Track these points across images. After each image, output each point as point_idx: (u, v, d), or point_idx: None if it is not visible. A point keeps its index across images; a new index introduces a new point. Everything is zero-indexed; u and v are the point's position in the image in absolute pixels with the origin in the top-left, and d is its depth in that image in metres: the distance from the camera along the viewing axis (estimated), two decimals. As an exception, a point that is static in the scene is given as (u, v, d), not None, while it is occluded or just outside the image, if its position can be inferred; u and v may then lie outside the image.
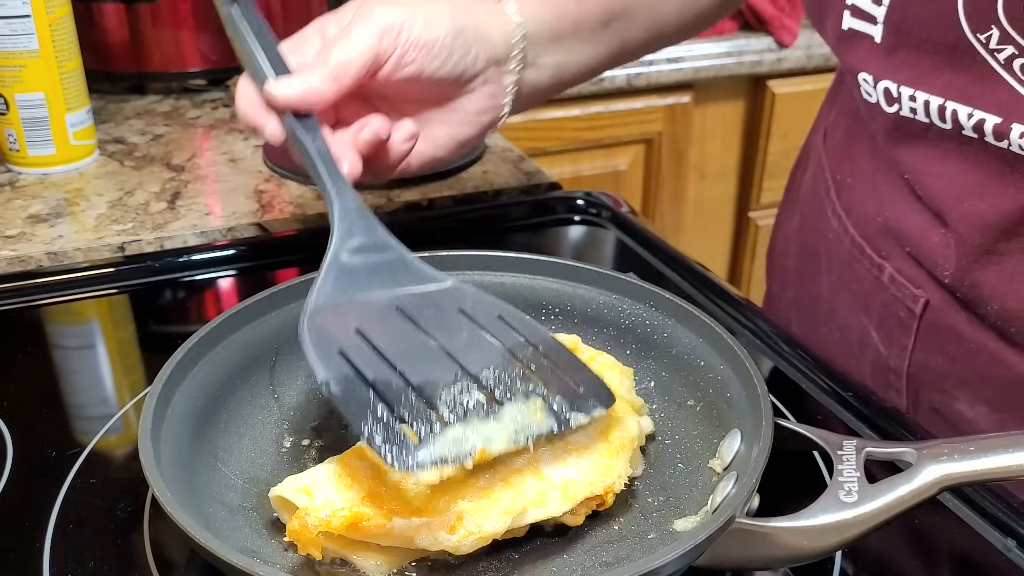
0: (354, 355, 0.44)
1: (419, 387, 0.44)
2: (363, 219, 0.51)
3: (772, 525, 0.40)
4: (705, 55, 1.38)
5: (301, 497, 0.42)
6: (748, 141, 1.52)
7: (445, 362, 0.45)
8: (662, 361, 0.53)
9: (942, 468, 0.40)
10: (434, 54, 0.56)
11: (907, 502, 0.40)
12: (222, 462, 0.47)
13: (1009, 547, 0.45)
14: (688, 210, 1.54)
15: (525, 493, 0.43)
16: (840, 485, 0.41)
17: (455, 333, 0.47)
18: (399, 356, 0.45)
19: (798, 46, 1.42)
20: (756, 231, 1.57)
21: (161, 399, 0.45)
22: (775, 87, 1.45)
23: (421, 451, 0.41)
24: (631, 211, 0.79)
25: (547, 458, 0.45)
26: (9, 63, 0.80)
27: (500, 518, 0.42)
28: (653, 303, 0.54)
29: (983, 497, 0.47)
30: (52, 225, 0.75)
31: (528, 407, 0.44)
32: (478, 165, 0.87)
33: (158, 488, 0.40)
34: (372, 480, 0.42)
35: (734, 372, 0.49)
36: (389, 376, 0.44)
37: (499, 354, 0.46)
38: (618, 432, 0.47)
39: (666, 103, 1.41)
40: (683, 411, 0.51)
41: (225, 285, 0.71)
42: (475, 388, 0.44)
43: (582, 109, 1.36)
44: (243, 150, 0.90)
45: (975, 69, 0.50)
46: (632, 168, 1.47)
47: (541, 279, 0.57)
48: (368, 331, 0.46)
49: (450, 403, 0.43)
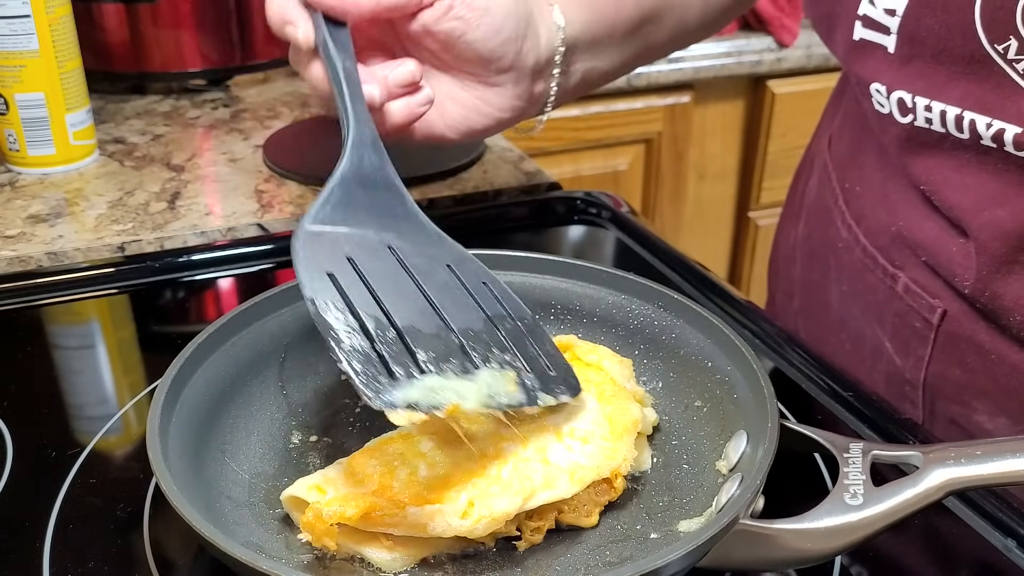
0: (342, 280, 0.44)
1: (402, 328, 0.43)
2: (376, 152, 0.50)
3: (776, 527, 0.40)
4: (705, 55, 1.38)
5: (313, 494, 0.42)
6: (748, 141, 1.52)
7: (428, 312, 0.45)
8: (670, 362, 0.53)
9: (948, 472, 0.40)
10: (485, 21, 0.54)
11: (912, 506, 0.40)
12: (230, 457, 0.47)
13: (1009, 547, 0.45)
14: (688, 210, 1.54)
15: (533, 477, 0.43)
16: (845, 488, 0.41)
17: (441, 288, 0.47)
18: (385, 293, 0.45)
19: (798, 46, 1.42)
20: (756, 231, 1.57)
21: (170, 394, 0.45)
22: (775, 87, 1.45)
23: (397, 391, 0.40)
24: (631, 211, 0.79)
25: (553, 446, 0.45)
26: (9, 63, 0.80)
27: (510, 499, 0.42)
28: (662, 303, 0.54)
29: (983, 497, 0.47)
30: (52, 225, 0.75)
31: (502, 376, 0.44)
32: (478, 165, 0.87)
33: (165, 483, 0.39)
34: (382, 476, 0.43)
35: (741, 373, 0.49)
36: (374, 310, 0.43)
37: (480, 319, 0.47)
38: (620, 416, 0.47)
39: (666, 103, 1.41)
40: (690, 412, 0.51)
41: (225, 285, 0.71)
42: (455, 344, 0.44)
43: (582, 109, 1.36)
44: (243, 150, 0.90)
45: (993, 79, 0.50)
46: (632, 168, 1.47)
47: (550, 279, 0.57)
48: (359, 261, 0.45)
49: (429, 353, 0.43)
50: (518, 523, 0.44)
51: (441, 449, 0.44)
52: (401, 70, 0.54)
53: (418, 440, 0.45)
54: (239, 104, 1.04)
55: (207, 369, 0.48)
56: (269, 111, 1.01)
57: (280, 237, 0.75)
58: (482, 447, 0.44)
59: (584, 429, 0.47)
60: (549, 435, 0.46)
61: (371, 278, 0.45)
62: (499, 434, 0.45)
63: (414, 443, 0.45)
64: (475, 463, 0.43)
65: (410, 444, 0.45)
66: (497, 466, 0.44)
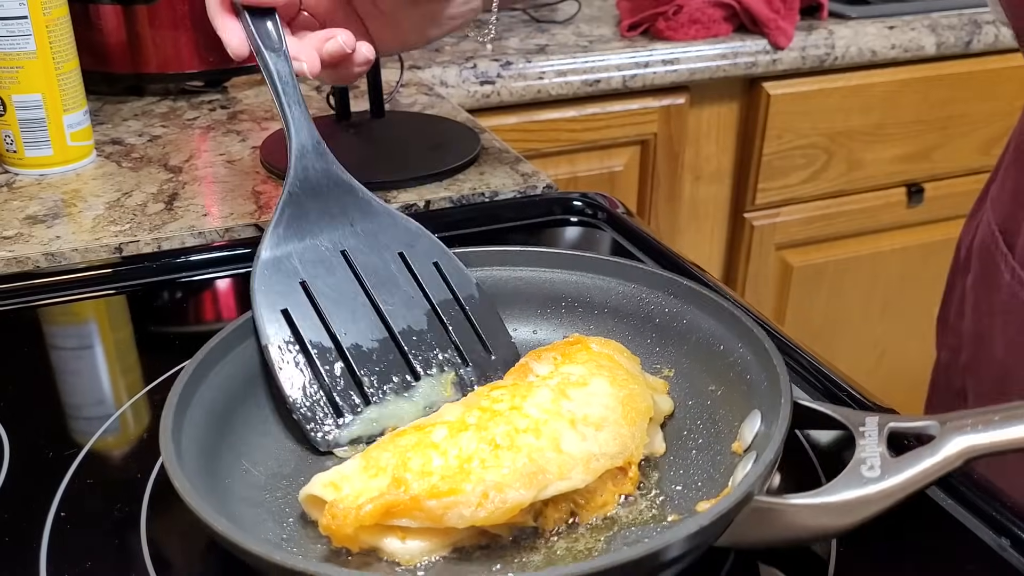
0: (295, 312, 0.50)
1: (349, 352, 0.50)
2: (319, 156, 0.54)
3: (792, 502, 0.39)
4: (700, 57, 1.38)
5: (329, 491, 0.43)
6: (743, 142, 1.52)
7: (375, 324, 0.52)
8: (682, 348, 0.54)
9: (967, 439, 0.39)
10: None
11: (931, 476, 0.39)
12: (246, 458, 0.47)
13: (1003, 546, 0.45)
14: (683, 211, 1.55)
15: (547, 467, 0.43)
16: (862, 460, 0.40)
17: (390, 286, 0.53)
18: (335, 314, 0.51)
19: (793, 48, 1.42)
20: (751, 232, 1.57)
21: (185, 391, 0.45)
22: (770, 88, 1.45)
23: (343, 430, 0.49)
24: (627, 212, 0.80)
25: (566, 434, 0.45)
26: (6, 64, 0.80)
27: (524, 490, 0.42)
28: (672, 291, 0.55)
29: (977, 495, 0.47)
30: (49, 226, 0.75)
31: (440, 382, 0.52)
32: (474, 167, 0.87)
33: (180, 483, 0.40)
34: (397, 467, 0.43)
35: (753, 354, 0.49)
36: (324, 339, 0.50)
37: (424, 314, 0.53)
38: (634, 401, 0.47)
39: (661, 104, 1.42)
40: (704, 397, 0.51)
41: (222, 286, 0.71)
42: (397, 359, 0.51)
43: (578, 111, 1.37)
44: (240, 151, 0.91)
45: None
46: (628, 169, 1.47)
47: (560, 272, 0.58)
48: (312, 283, 0.51)
49: (372, 378, 0.50)
50: (534, 513, 0.44)
51: (454, 439, 0.45)
52: (331, 44, 0.56)
53: (431, 430, 0.45)
54: (236, 105, 1.04)
55: (221, 371, 0.49)
56: (266, 113, 1.01)
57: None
58: (495, 436, 0.45)
59: (597, 415, 0.47)
60: (562, 423, 0.46)
61: (322, 299, 0.51)
62: (513, 423, 0.45)
63: (427, 434, 0.45)
64: (488, 453, 0.44)
65: (423, 435, 0.45)
66: (511, 456, 0.44)
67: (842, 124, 1.52)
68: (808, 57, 1.44)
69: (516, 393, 0.47)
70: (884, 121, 1.54)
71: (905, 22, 1.48)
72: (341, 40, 0.57)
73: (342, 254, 0.53)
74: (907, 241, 1.65)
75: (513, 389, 0.48)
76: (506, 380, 0.50)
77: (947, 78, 1.53)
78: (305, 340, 0.49)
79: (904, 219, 1.63)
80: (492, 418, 0.46)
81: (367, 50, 0.58)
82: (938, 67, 1.53)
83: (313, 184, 0.53)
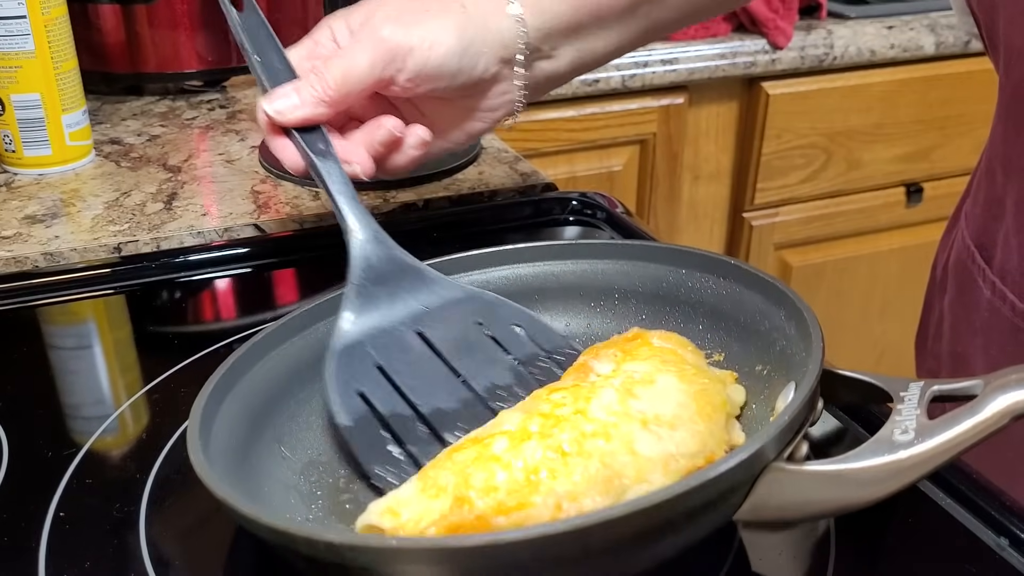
0: (373, 395, 0.48)
1: (429, 417, 0.48)
2: (379, 245, 0.53)
3: (816, 469, 0.37)
4: (699, 56, 1.38)
5: (387, 519, 0.39)
6: (742, 142, 1.52)
7: (456, 389, 0.49)
8: (732, 332, 0.53)
9: (1011, 396, 0.36)
10: (442, 77, 0.56)
11: (971, 438, 0.36)
12: (285, 446, 0.47)
13: (1002, 545, 0.45)
14: (682, 210, 1.55)
15: (623, 472, 0.40)
16: (896, 424, 0.37)
17: (470, 352, 0.51)
18: (414, 388, 0.49)
19: (792, 47, 1.42)
20: (750, 231, 1.57)
21: (221, 383, 0.45)
22: (769, 88, 1.46)
23: None
24: (626, 211, 0.80)
25: (639, 435, 0.42)
26: (5, 64, 0.80)
27: (600, 498, 0.39)
28: (720, 272, 0.54)
29: (976, 494, 0.47)
30: (48, 226, 0.75)
31: None
32: (474, 166, 0.87)
33: (191, 441, 0.40)
34: (457, 485, 0.40)
35: (796, 329, 0.47)
36: (403, 409, 0.48)
37: (507, 370, 0.51)
38: (706, 396, 0.45)
39: (661, 104, 1.42)
40: (751, 378, 0.50)
41: (222, 286, 0.71)
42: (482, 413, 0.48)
43: (577, 110, 1.37)
44: (239, 151, 0.91)
45: None
46: (627, 169, 1.47)
47: (611, 262, 0.57)
48: (388, 365, 0.49)
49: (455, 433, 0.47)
50: None
51: (517, 449, 0.41)
52: (381, 132, 0.56)
53: (490, 442, 0.42)
54: (235, 105, 1.04)
55: (265, 364, 0.49)
56: (265, 112, 1.01)
57: (277, 238, 0.75)
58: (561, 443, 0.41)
59: (670, 413, 0.43)
60: (633, 424, 0.42)
61: (398, 377, 0.49)
62: (579, 428, 0.42)
63: (487, 446, 0.41)
64: (557, 461, 0.40)
65: (483, 448, 0.41)
66: (581, 462, 0.40)
67: (841, 124, 1.52)
68: (807, 57, 1.44)
69: (579, 396, 0.44)
70: (883, 121, 1.54)
71: (904, 22, 1.48)
72: (389, 126, 0.56)
73: (417, 334, 0.51)
74: (906, 241, 1.65)
75: (575, 391, 0.44)
76: (565, 381, 0.47)
77: (946, 78, 1.54)
78: (383, 414, 0.47)
79: (903, 219, 1.64)
80: (556, 424, 0.42)
81: (422, 131, 0.58)
82: (937, 67, 1.53)
83: (377, 271, 0.52)
